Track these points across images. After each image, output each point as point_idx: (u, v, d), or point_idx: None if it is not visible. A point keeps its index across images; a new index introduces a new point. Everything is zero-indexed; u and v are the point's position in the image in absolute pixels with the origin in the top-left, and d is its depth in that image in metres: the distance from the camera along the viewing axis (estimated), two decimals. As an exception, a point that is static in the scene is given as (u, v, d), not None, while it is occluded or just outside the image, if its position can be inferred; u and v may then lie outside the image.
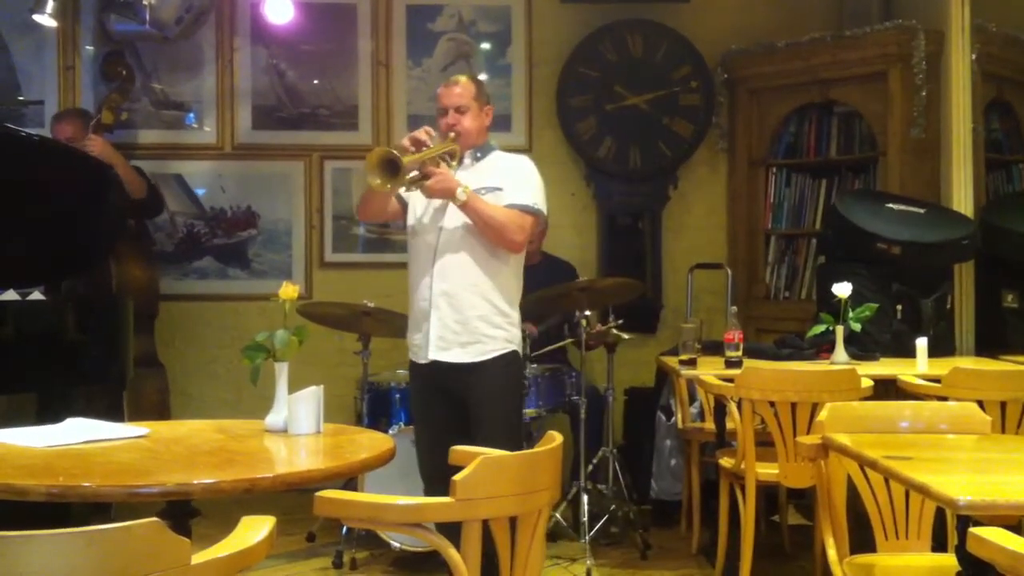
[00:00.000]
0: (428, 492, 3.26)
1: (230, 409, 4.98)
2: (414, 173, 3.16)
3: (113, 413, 3.87)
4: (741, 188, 5.57)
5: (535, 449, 2.24)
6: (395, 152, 3.08)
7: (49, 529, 1.56)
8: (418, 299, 3.31)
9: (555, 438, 2.29)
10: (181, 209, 5.39)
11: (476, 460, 2.07)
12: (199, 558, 1.67)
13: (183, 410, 5.03)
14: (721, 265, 5.35)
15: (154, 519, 1.62)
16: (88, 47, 5.30)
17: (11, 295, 3.67)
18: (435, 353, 3.26)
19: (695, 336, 4.19)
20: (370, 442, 2.47)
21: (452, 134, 3.29)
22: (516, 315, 3.35)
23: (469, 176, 3.28)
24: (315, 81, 5.49)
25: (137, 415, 4.34)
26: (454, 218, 3.24)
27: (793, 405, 3.49)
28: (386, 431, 3.87)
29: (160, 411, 4.78)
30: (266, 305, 5.15)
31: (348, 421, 4.36)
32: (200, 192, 5.43)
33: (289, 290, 2.75)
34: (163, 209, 5.18)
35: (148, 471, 2.18)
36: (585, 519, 4.14)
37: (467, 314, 3.24)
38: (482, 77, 5.51)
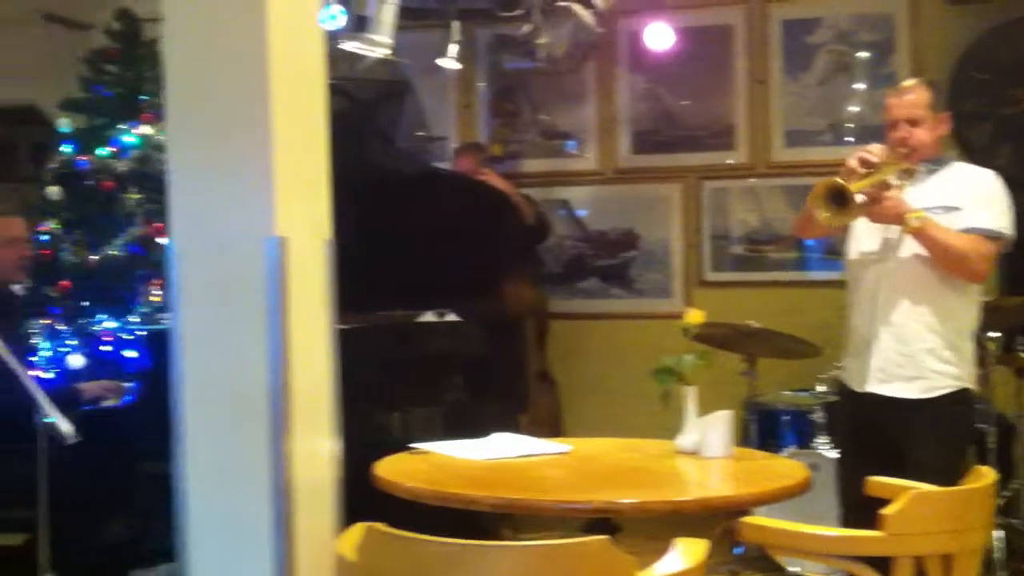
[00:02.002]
0: (847, 522, 3.10)
1: (616, 425, 5.11)
2: (862, 198, 2.94)
3: (509, 427, 4.13)
4: None
5: (968, 486, 2.15)
6: (843, 183, 2.88)
7: (461, 536, 1.69)
8: (859, 325, 3.13)
9: (985, 474, 2.18)
10: (567, 232, 5.67)
11: (907, 494, 2.02)
12: (641, 576, 1.76)
13: (573, 425, 5.27)
14: None
15: (603, 537, 1.73)
16: (481, 84, 5.73)
17: (429, 317, 4.03)
18: (874, 385, 3.06)
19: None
20: (786, 469, 2.46)
21: (904, 150, 3.03)
22: (971, 349, 3.08)
23: (922, 192, 3.03)
24: (691, 103, 5.57)
25: (532, 429, 4.59)
26: (905, 244, 3.00)
27: None
28: (776, 454, 3.84)
29: (553, 426, 5.05)
30: (649, 324, 5.35)
31: (734, 443, 4.35)
32: (584, 215, 5.69)
33: (695, 315, 2.82)
34: (549, 235, 5.47)
35: (578, 487, 2.32)
36: (998, 555, 3.85)
37: (913, 347, 3.00)
38: (860, 87, 5.34)
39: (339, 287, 2.48)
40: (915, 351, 3.01)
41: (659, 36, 5.10)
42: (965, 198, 3.00)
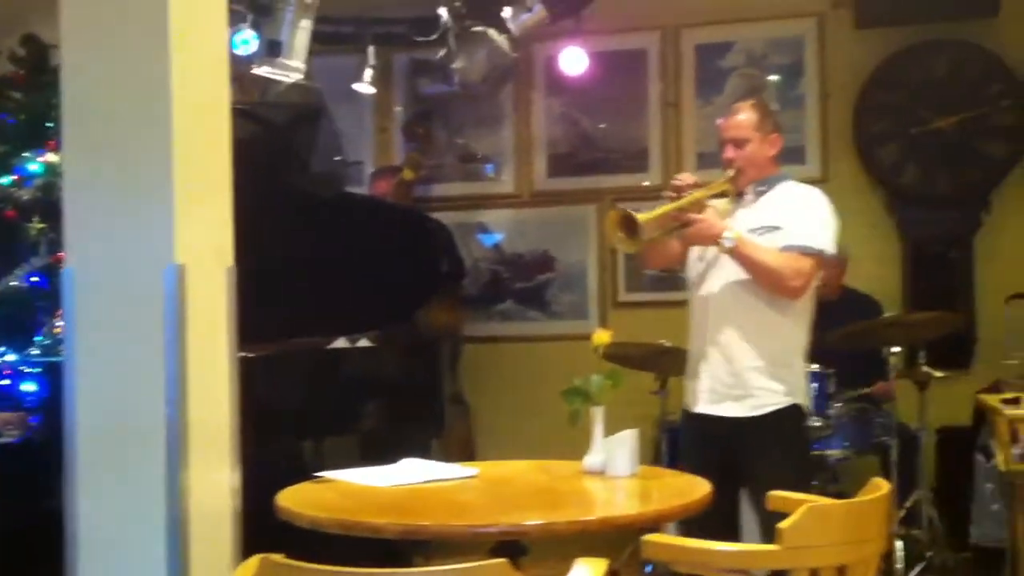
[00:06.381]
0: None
1: (533, 448, 5.10)
2: (675, 223, 3.04)
3: (423, 451, 4.12)
4: (1065, 210, 5.16)
5: (862, 497, 2.20)
6: (629, 212, 2.97)
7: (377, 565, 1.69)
8: (693, 347, 3.20)
9: (881, 486, 2.23)
10: (484, 255, 5.70)
11: (802, 508, 2.06)
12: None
13: (488, 448, 5.26)
14: (1043, 294, 4.96)
15: (503, 560, 1.74)
16: (398, 108, 5.74)
17: (342, 343, 4.00)
18: (705, 406, 3.13)
19: (1018, 372, 3.95)
20: (688, 485, 2.49)
21: (731, 171, 3.11)
22: (799, 366, 3.13)
23: (751, 214, 3.11)
24: (607, 126, 5.65)
25: (444, 452, 4.58)
26: (729, 266, 3.06)
27: None
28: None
29: (466, 449, 5.04)
30: (565, 345, 5.39)
31: (645, 461, 4.40)
32: (501, 239, 5.72)
33: (602, 335, 2.84)
34: (463, 275, 5.49)
35: (485, 511, 2.32)
36: (900, 566, 3.96)
37: (739, 366, 3.06)
38: (773, 108, 5.46)
39: (251, 314, 2.45)
40: (742, 370, 3.06)
41: (574, 61, 5.16)
42: (787, 217, 3.05)
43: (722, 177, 3.15)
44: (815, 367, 3.93)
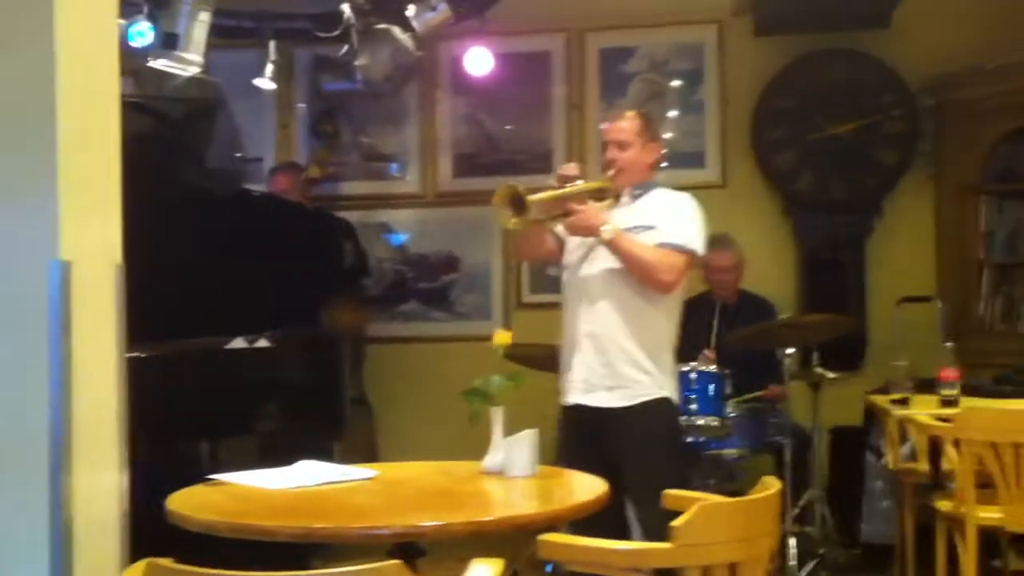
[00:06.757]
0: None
1: (437, 449, 5.09)
2: (558, 211, 3.16)
3: (325, 454, 4.05)
4: (951, 216, 5.34)
5: (753, 496, 2.24)
6: (519, 189, 3.04)
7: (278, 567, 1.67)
8: (567, 339, 3.28)
9: (771, 484, 2.28)
10: (387, 255, 5.65)
11: (695, 506, 2.09)
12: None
13: (391, 449, 5.23)
14: (930, 298, 5.13)
15: (397, 561, 1.72)
16: (301, 105, 5.66)
17: (239, 343, 3.91)
18: (578, 396, 3.22)
19: (906, 374, 4.07)
20: (585, 485, 2.51)
21: (611, 171, 3.25)
22: (668, 360, 3.25)
23: (627, 214, 3.23)
24: (512, 127, 5.66)
25: (346, 454, 4.52)
26: (605, 258, 3.18)
27: (1017, 446, 3.33)
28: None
29: (368, 450, 4.99)
30: (469, 346, 5.38)
31: (547, 460, 4.41)
32: (405, 239, 5.68)
33: (503, 336, 2.84)
34: (369, 271, 5.44)
35: (381, 512, 2.30)
36: (792, 563, 4.05)
37: (611, 357, 3.16)
38: (673, 114, 5.55)
39: (144, 313, 2.38)
40: (614, 361, 3.17)
41: (479, 61, 5.16)
42: (660, 218, 3.21)
43: (604, 175, 3.27)
44: (712, 368, 4.02)
